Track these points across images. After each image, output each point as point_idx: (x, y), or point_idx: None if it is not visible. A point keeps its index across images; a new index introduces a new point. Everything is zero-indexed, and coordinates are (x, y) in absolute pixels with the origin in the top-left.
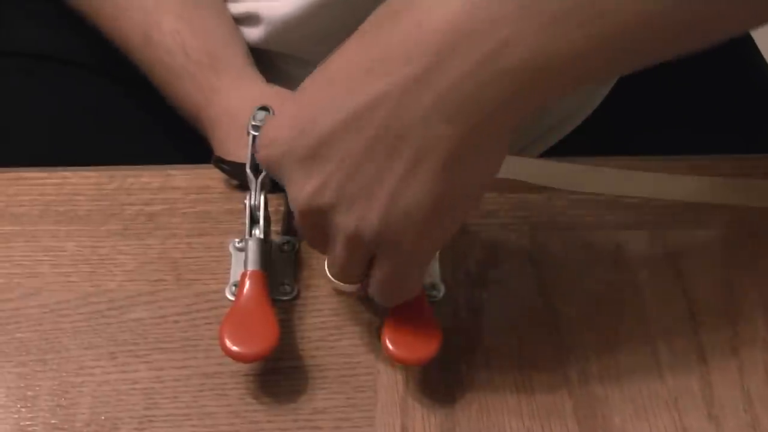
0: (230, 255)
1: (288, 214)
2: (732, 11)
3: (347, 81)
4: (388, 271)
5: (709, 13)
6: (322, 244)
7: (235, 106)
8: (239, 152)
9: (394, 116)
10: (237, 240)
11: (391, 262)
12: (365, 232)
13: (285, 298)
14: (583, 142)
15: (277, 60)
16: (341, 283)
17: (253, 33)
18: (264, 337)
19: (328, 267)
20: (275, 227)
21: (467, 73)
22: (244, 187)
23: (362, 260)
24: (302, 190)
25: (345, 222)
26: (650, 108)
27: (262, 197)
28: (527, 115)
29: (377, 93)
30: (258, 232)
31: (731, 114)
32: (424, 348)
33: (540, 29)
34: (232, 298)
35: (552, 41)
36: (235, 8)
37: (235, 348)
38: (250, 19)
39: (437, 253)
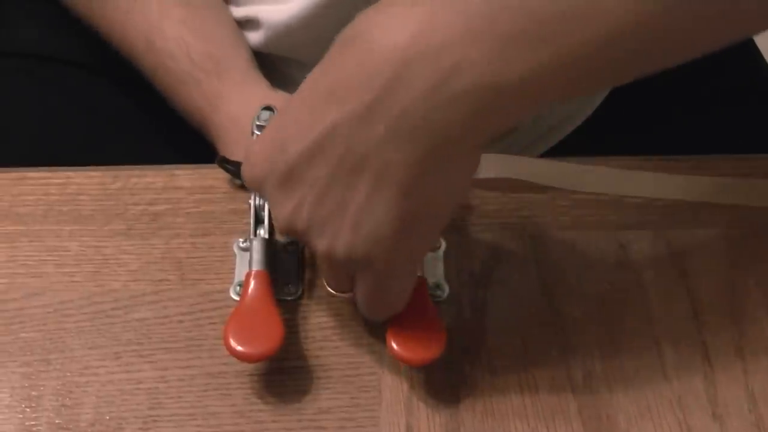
0: (234, 255)
1: None
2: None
3: (311, 107)
4: (367, 288)
5: (660, 42)
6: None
7: (240, 111)
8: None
9: (351, 143)
10: (241, 240)
11: (367, 280)
12: (337, 254)
13: (289, 298)
14: (583, 142)
15: (279, 63)
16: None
17: (253, 37)
18: (269, 337)
19: (321, 275)
20: None
21: (418, 98)
22: (248, 187)
23: (345, 276)
24: (281, 212)
25: (319, 244)
26: (650, 108)
27: None
28: (492, 134)
29: (335, 121)
30: (262, 232)
31: (731, 114)
32: (428, 348)
33: (491, 52)
34: (236, 298)
35: (504, 63)
36: (236, 12)
37: (239, 348)
38: (250, 23)
39: (441, 253)
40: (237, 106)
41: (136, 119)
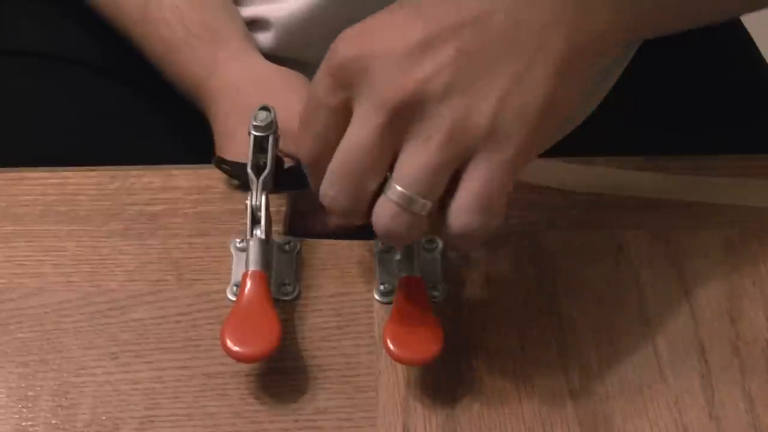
0: (231, 255)
1: (290, 214)
2: None
3: None
4: (485, 176)
5: None
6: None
7: (238, 78)
8: (239, 129)
9: (514, 23)
10: (238, 240)
11: (491, 163)
12: (473, 124)
13: (286, 298)
14: (583, 142)
15: (293, 68)
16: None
17: (264, 39)
18: (266, 337)
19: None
20: (276, 227)
21: None
22: (245, 187)
23: (455, 163)
24: (406, 77)
25: (453, 112)
26: (650, 108)
27: (264, 197)
28: (619, 46)
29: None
30: (259, 233)
31: (731, 113)
32: (425, 348)
33: None
34: (233, 298)
35: None
36: (243, 13)
37: (236, 348)
38: (259, 23)
39: (438, 254)
40: (233, 72)
41: (138, 119)
